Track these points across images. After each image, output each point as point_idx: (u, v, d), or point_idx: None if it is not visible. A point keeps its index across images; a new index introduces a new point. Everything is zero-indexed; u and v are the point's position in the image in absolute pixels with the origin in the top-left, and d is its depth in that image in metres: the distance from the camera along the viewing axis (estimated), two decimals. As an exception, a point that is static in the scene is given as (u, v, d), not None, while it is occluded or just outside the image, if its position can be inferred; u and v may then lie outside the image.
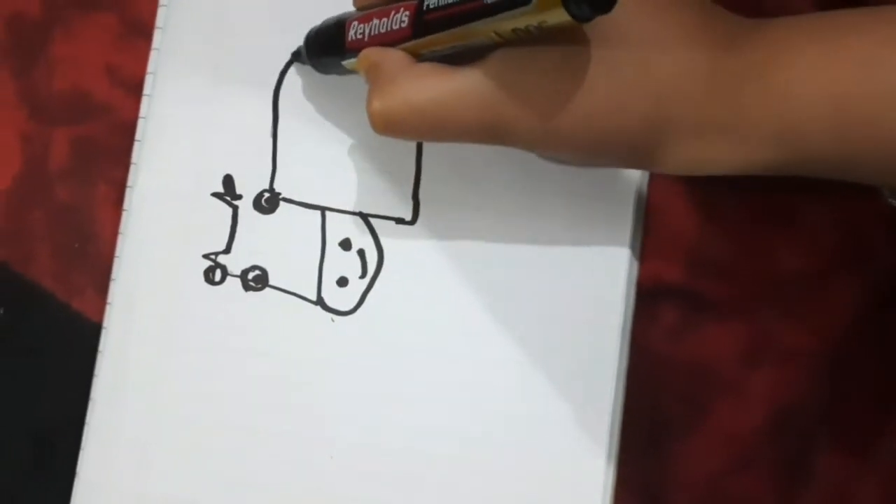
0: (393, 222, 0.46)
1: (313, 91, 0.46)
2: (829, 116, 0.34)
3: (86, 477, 0.46)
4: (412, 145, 0.46)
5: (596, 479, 0.44)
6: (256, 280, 0.46)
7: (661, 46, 0.35)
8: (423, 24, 0.36)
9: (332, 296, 0.45)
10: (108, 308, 0.46)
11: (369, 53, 0.38)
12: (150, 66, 0.47)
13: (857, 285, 0.47)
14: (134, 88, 0.48)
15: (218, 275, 0.46)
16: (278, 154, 0.46)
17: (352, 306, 0.45)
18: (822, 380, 0.46)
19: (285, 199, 0.46)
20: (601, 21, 0.32)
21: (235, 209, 0.46)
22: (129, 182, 0.47)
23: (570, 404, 0.44)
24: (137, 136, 0.47)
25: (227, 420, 0.45)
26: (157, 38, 0.47)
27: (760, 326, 0.47)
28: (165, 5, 0.47)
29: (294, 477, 0.45)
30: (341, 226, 0.46)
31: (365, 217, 0.46)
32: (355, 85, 0.46)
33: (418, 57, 0.37)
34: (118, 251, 0.46)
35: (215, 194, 0.46)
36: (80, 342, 0.47)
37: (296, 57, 0.46)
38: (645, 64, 0.35)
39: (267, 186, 0.46)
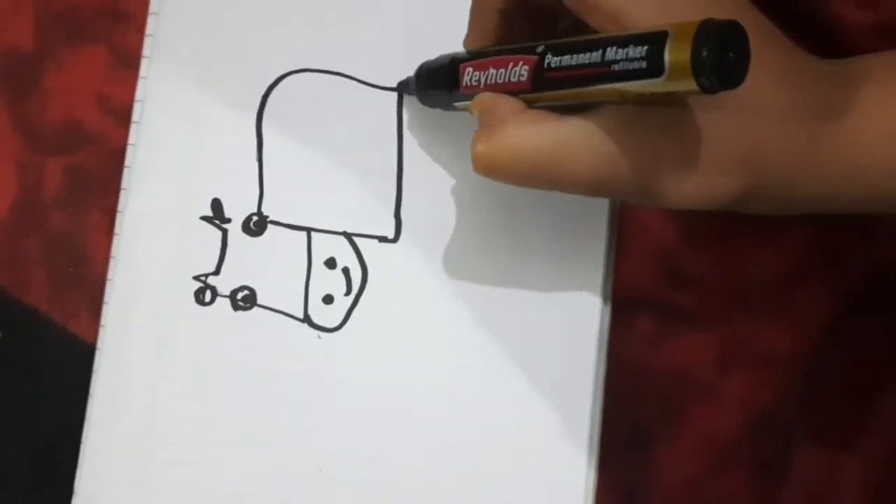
0: (376, 241, 0.46)
1: (296, 114, 0.47)
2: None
3: (83, 495, 0.46)
4: (393, 165, 0.46)
5: (577, 486, 0.44)
6: (245, 300, 0.46)
7: (754, 113, 0.35)
8: (543, 80, 0.35)
9: (319, 313, 0.46)
10: (101, 330, 0.46)
11: (485, 98, 0.38)
12: (138, 94, 0.48)
13: (828, 290, 0.47)
14: (124, 117, 0.48)
15: (208, 295, 0.46)
16: (264, 177, 0.46)
17: (337, 323, 0.46)
18: (796, 383, 0.47)
19: (273, 222, 0.46)
20: None
21: (225, 232, 0.46)
22: (120, 207, 0.47)
23: (551, 413, 0.44)
24: (127, 162, 0.47)
25: (220, 436, 0.45)
26: (144, 66, 0.48)
27: (734, 333, 0.47)
28: (152, 35, 0.48)
29: (285, 491, 0.45)
30: (326, 245, 0.46)
31: (349, 236, 0.46)
32: (336, 108, 0.46)
33: (531, 105, 0.37)
34: (110, 274, 0.47)
35: (204, 218, 0.46)
36: (77, 363, 0.47)
37: (402, 87, 0.46)
38: (740, 128, 0.35)
39: (255, 209, 0.46)
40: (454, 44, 0.41)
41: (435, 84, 0.42)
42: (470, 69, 0.39)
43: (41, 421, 0.48)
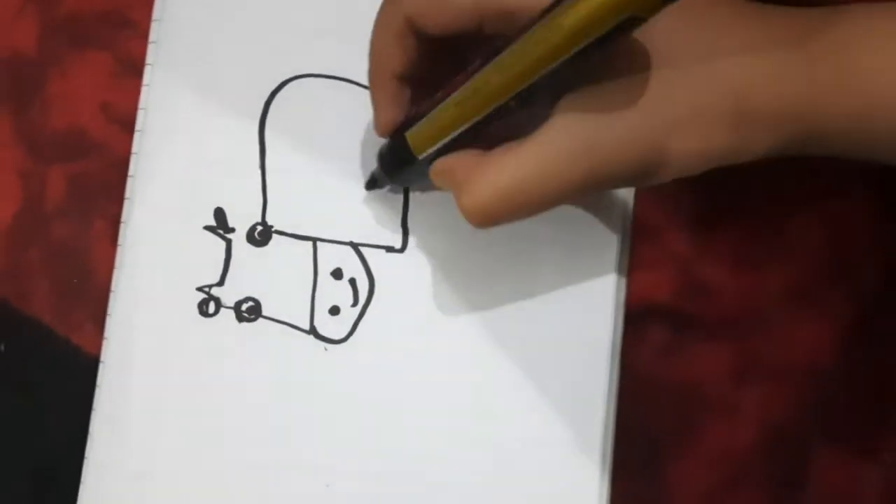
0: (383, 251, 0.44)
1: (300, 121, 0.45)
2: None
3: (86, 510, 0.44)
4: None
5: (590, 500, 0.42)
6: (250, 311, 0.44)
7: (731, 53, 0.33)
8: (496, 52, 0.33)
9: (325, 325, 0.44)
10: (104, 342, 0.45)
11: (437, 165, 0.37)
12: (142, 102, 0.46)
13: (843, 299, 0.46)
14: (128, 125, 0.47)
15: (212, 307, 0.45)
16: (268, 186, 0.45)
17: (344, 335, 0.44)
18: (813, 394, 0.45)
19: (278, 232, 0.45)
20: (653, 40, 0.31)
21: (229, 242, 0.45)
22: (123, 217, 0.46)
23: (562, 427, 0.43)
24: (130, 171, 0.46)
25: (224, 450, 0.44)
26: (148, 74, 0.46)
27: (749, 344, 0.45)
28: (155, 42, 0.46)
29: (291, 506, 0.43)
30: (333, 255, 0.44)
31: (355, 246, 0.44)
32: (340, 115, 0.45)
33: (479, 133, 0.35)
34: (113, 286, 0.45)
35: (208, 228, 0.45)
36: (80, 376, 0.46)
37: (371, 185, 0.44)
38: (711, 62, 0.33)
39: (259, 219, 0.45)
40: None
41: (396, 163, 0.40)
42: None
43: (43, 435, 0.47)
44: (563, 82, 0.33)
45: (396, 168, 0.40)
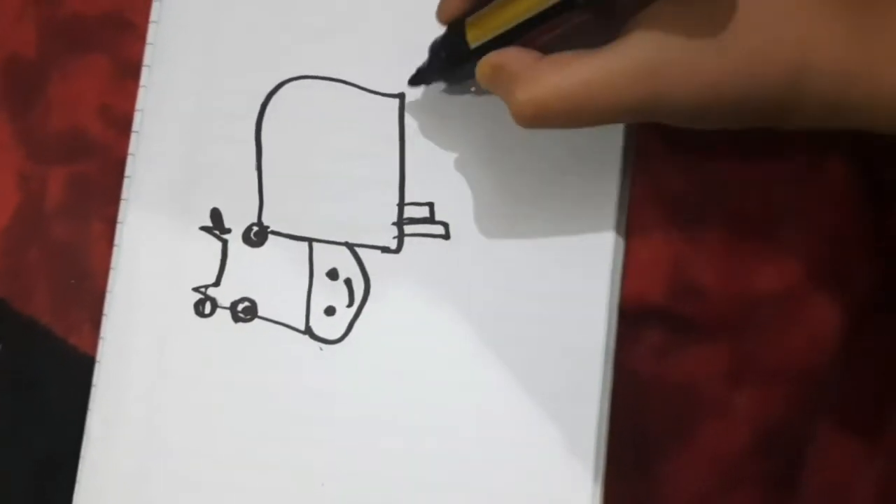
0: (378, 251, 0.43)
1: (296, 122, 0.44)
2: None
3: (82, 510, 0.43)
4: (395, 174, 0.43)
5: (584, 502, 0.41)
6: (246, 311, 0.43)
7: (797, 3, 0.32)
8: None
9: (320, 325, 0.43)
10: (100, 342, 0.43)
11: (489, 58, 0.35)
12: (139, 103, 0.45)
13: (837, 302, 0.44)
14: (127, 128, 0.46)
15: (208, 307, 0.43)
16: (264, 187, 0.44)
17: (339, 335, 0.43)
18: (806, 396, 0.44)
19: (274, 233, 0.43)
20: None
21: (225, 243, 0.44)
22: (120, 218, 0.44)
23: (556, 428, 0.41)
24: (127, 172, 0.44)
25: (219, 450, 0.42)
26: (145, 75, 0.45)
27: (743, 346, 0.44)
28: (152, 43, 0.45)
29: (286, 506, 0.42)
30: (328, 256, 0.43)
31: (351, 247, 0.43)
32: (336, 116, 0.44)
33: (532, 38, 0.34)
34: (110, 286, 0.44)
35: (204, 228, 0.44)
36: (78, 376, 0.45)
37: (415, 80, 0.41)
38: (785, 12, 0.32)
39: (255, 220, 0.44)
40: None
41: (448, 54, 0.38)
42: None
43: (42, 436, 0.45)
44: None
45: (446, 60, 0.38)
